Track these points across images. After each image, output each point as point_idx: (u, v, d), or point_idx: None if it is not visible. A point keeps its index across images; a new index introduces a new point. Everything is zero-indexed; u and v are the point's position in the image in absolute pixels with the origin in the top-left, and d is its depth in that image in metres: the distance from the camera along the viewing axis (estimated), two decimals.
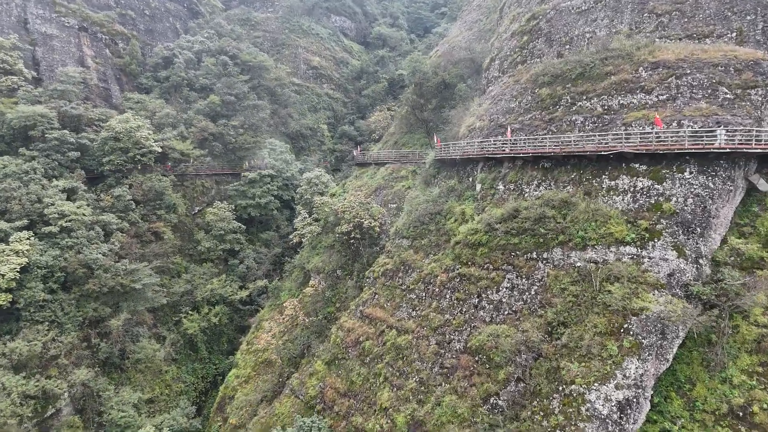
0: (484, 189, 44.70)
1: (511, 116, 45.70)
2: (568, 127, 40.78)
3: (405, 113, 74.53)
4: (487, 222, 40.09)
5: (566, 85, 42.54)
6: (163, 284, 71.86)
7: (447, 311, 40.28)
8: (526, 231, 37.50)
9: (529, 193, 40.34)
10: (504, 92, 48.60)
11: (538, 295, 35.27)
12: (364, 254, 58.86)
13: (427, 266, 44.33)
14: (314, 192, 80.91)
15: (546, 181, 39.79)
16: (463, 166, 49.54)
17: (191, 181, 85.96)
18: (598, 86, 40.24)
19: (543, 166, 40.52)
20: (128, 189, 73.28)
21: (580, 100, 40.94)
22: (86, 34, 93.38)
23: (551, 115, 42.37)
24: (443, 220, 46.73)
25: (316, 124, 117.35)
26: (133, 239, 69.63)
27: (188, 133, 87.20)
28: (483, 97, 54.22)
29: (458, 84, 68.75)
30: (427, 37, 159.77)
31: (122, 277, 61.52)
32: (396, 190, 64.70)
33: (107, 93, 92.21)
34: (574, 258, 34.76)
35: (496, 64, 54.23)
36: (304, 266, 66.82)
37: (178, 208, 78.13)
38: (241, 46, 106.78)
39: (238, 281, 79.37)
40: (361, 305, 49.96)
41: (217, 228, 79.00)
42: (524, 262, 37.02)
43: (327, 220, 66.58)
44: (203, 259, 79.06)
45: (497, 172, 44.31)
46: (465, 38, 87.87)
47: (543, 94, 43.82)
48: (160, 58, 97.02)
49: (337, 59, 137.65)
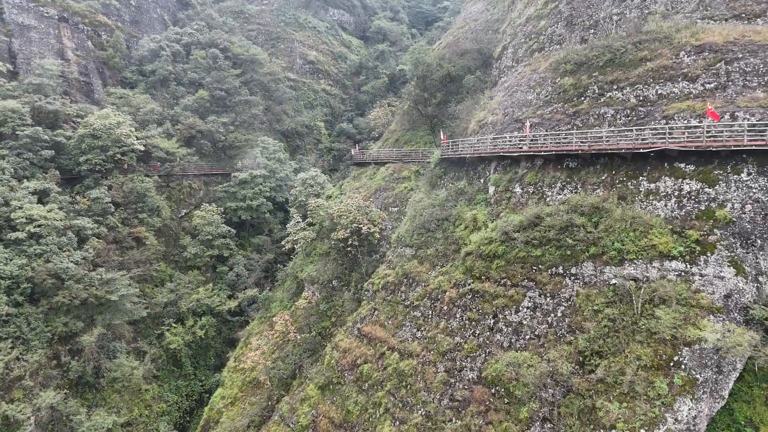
0: (498, 192, 39.83)
1: (529, 109, 40.85)
2: (596, 121, 35.96)
3: (407, 109, 69.67)
4: (503, 230, 35.21)
5: (593, 73, 37.73)
6: (145, 294, 67.04)
7: (457, 333, 35.39)
8: (551, 241, 32.62)
9: (552, 197, 35.47)
10: (519, 83, 43.75)
11: (566, 318, 30.36)
12: (363, 263, 54.02)
13: (434, 280, 39.44)
14: (309, 194, 75.99)
15: (571, 183, 34.93)
16: (474, 166, 44.67)
17: (177, 181, 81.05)
18: (631, 74, 35.40)
19: (567, 165, 35.70)
20: (107, 190, 68.38)
21: (609, 90, 36.11)
22: (67, 25, 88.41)
23: (576, 108, 37.55)
24: (452, 227, 41.83)
25: (313, 122, 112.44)
26: (111, 245, 64.72)
27: (174, 131, 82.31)
28: (495, 89, 49.39)
29: (465, 76, 63.82)
30: (429, 31, 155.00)
31: (97, 288, 56.63)
32: (397, 192, 59.81)
33: (89, 88, 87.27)
34: (608, 274, 29.88)
35: (509, 53, 49.38)
36: (297, 275, 61.94)
37: (163, 211, 73.20)
38: (232, 39, 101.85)
39: (227, 290, 74.51)
40: (358, 322, 45.07)
41: (205, 232, 74.12)
42: (548, 277, 32.12)
43: (322, 225, 61.74)
44: (189, 266, 74.13)
45: (513, 173, 39.46)
46: (471, 29, 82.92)
47: (565, 84, 38.99)
48: (146, 50, 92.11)
49: (335, 54, 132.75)
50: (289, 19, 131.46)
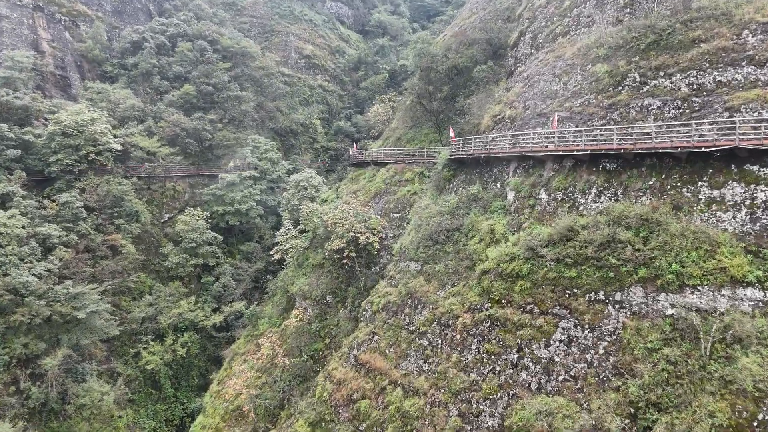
0: (519, 198, 34.34)
1: (555, 102, 35.38)
2: (638, 115, 30.50)
3: (409, 104, 64.19)
4: (528, 245, 29.71)
5: (632, 58, 32.25)
6: (120, 308, 61.57)
7: (473, 368, 29.88)
8: (588, 260, 27.12)
9: (586, 206, 29.98)
10: (542, 72, 38.25)
11: (610, 357, 24.87)
12: (361, 277, 48.64)
13: (444, 302, 33.93)
14: (303, 197, 70.47)
15: (609, 189, 29.45)
16: (489, 168, 39.18)
17: (160, 184, 75.54)
18: (682, 58, 29.92)
19: (605, 167, 30.22)
20: (79, 194, 62.85)
21: (654, 77, 30.63)
22: (42, 15, 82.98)
23: (612, 99, 32.07)
24: (464, 239, 36.30)
25: (308, 120, 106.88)
26: (81, 255, 59.18)
27: (157, 128, 76.81)
28: (511, 80, 43.93)
29: (474, 68, 58.29)
30: (432, 25, 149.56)
31: (62, 304, 51.20)
32: (399, 196, 54.34)
33: (65, 82, 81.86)
34: (664, 303, 24.41)
35: (527, 39, 43.92)
36: (287, 289, 56.44)
37: (142, 217, 67.65)
38: (222, 31, 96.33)
39: (213, 302, 68.98)
40: (355, 348, 39.57)
41: (188, 240, 68.52)
42: (586, 304, 26.62)
43: (315, 233, 56.27)
44: (171, 277, 68.56)
45: (537, 176, 33.96)
46: (479, 18, 77.42)
47: (599, 71, 33.51)
48: (127, 42, 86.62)
49: (333, 48, 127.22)
50: (284, 11, 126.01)
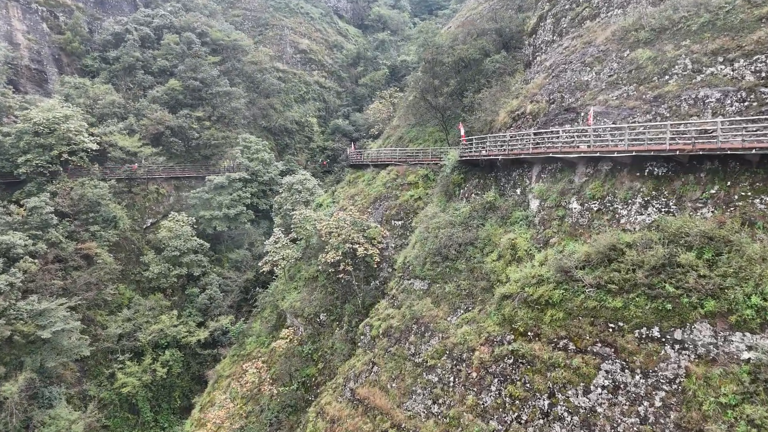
0: (545, 208, 29.47)
1: (586, 94, 30.52)
2: (691, 109, 25.62)
3: (413, 101, 59.35)
4: (559, 265, 24.87)
5: (681, 41, 27.43)
6: (95, 323, 56.76)
7: (493, 415, 25.03)
8: (638, 287, 22.27)
9: (630, 219, 25.12)
10: (569, 60, 33.40)
11: (670, 412, 20.02)
12: (359, 293, 43.81)
13: (456, 330, 29.06)
14: (296, 201, 65.76)
15: (659, 199, 24.58)
16: (507, 171, 34.35)
17: (142, 186, 70.70)
18: (745, 40, 25.07)
19: (652, 172, 25.33)
20: (51, 198, 57.97)
21: (711, 64, 25.76)
22: (17, 4, 78.15)
23: (658, 91, 27.20)
24: (479, 255, 31.44)
25: (304, 118, 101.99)
26: (51, 266, 54.37)
27: (139, 126, 71.89)
28: (530, 71, 39.09)
29: (484, 60, 53.53)
30: (434, 19, 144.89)
31: (25, 323, 46.26)
32: (402, 202, 49.60)
33: (41, 76, 77.07)
34: (739, 344, 19.59)
35: (548, 24, 39.05)
36: (277, 304, 51.59)
37: (120, 222, 62.83)
38: (212, 23, 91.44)
39: (198, 316, 64.12)
40: (352, 379, 34.72)
41: (171, 247, 63.60)
42: (636, 343, 21.77)
43: (308, 242, 51.46)
44: (153, 288, 63.68)
45: (567, 182, 29.09)
46: (487, 8, 72.72)
47: (640, 57, 28.68)
48: (109, 34, 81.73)
49: (330, 43, 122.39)
50: (279, 3, 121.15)
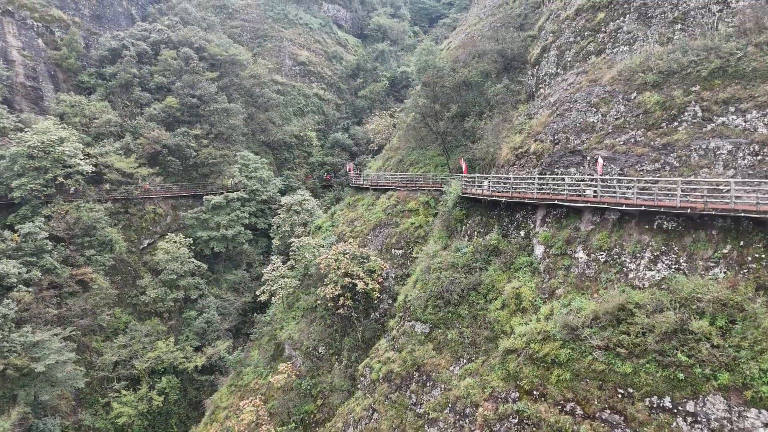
0: (550, 255, 28.72)
1: (592, 137, 29.81)
2: (702, 160, 24.96)
3: (412, 123, 58.58)
4: (566, 323, 24.15)
5: (691, 87, 26.73)
6: (91, 349, 55.96)
7: None
8: (649, 353, 21.55)
9: (639, 274, 24.39)
10: (573, 98, 32.66)
11: None
12: (358, 326, 42.99)
13: (459, 383, 28.29)
14: (295, 222, 64.99)
15: (669, 255, 23.86)
16: (510, 211, 33.60)
17: (139, 207, 69.86)
18: (758, 90, 24.42)
19: (661, 226, 24.59)
20: (45, 221, 57.21)
21: (722, 113, 25.10)
22: (12, 20, 77.28)
23: (667, 138, 26.52)
24: (482, 302, 30.69)
25: (303, 132, 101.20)
26: (46, 293, 53.56)
27: (135, 145, 71.09)
28: (532, 104, 38.35)
29: (485, 83, 52.89)
30: (434, 29, 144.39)
31: (18, 355, 45.43)
32: (402, 230, 48.84)
33: (37, 94, 76.23)
34: (755, 420, 18.91)
35: (551, 56, 38.32)
36: (275, 334, 50.80)
37: (116, 246, 61.98)
38: (210, 37, 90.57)
39: (195, 339, 63.27)
40: (351, 425, 33.95)
41: (168, 270, 62.79)
42: (647, 412, 21.03)
43: (307, 270, 50.71)
44: (149, 312, 62.83)
45: (573, 229, 28.36)
46: (488, 25, 72.05)
47: (648, 101, 27.98)
48: (106, 50, 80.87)
49: (329, 54, 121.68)
50: (278, 14, 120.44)
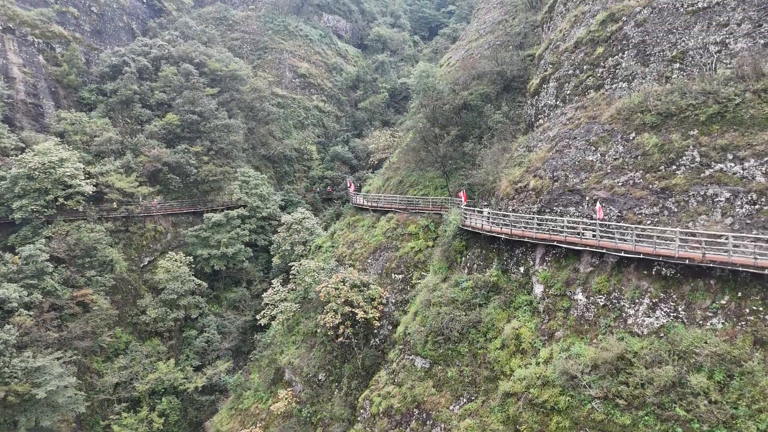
0: (549, 296, 28.85)
1: (591, 176, 29.95)
2: (700, 207, 25.12)
3: (412, 144, 58.69)
4: (565, 369, 24.30)
5: (689, 131, 26.92)
6: (91, 370, 56.02)
7: None
8: (647, 405, 21.69)
9: (638, 320, 24.53)
10: (572, 134, 32.83)
11: None
12: (358, 354, 43.06)
13: (459, 423, 28.43)
14: (295, 241, 65.13)
15: (668, 302, 24.00)
16: (510, 247, 33.71)
17: (139, 224, 69.96)
18: (756, 139, 24.59)
19: (660, 273, 24.70)
20: (46, 243, 57.27)
21: (720, 159, 25.27)
22: (13, 37, 77.45)
23: (665, 182, 26.68)
24: (482, 340, 30.82)
25: (303, 145, 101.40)
26: (47, 315, 53.63)
27: (136, 164, 71.23)
28: (532, 135, 38.48)
29: (485, 106, 53.09)
30: (434, 40, 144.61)
31: (19, 382, 45.49)
32: (402, 254, 48.98)
33: (37, 111, 76.34)
34: None
35: (551, 88, 38.48)
36: (275, 358, 50.90)
37: (117, 266, 62.04)
38: (210, 52, 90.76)
39: (196, 359, 63.33)
40: None
41: (169, 290, 62.87)
42: None
43: (306, 293, 50.78)
44: (150, 332, 62.89)
45: (572, 270, 28.50)
46: (487, 43, 72.43)
47: (647, 143, 28.17)
48: (107, 66, 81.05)
49: (330, 65, 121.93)
50: (278, 26, 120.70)
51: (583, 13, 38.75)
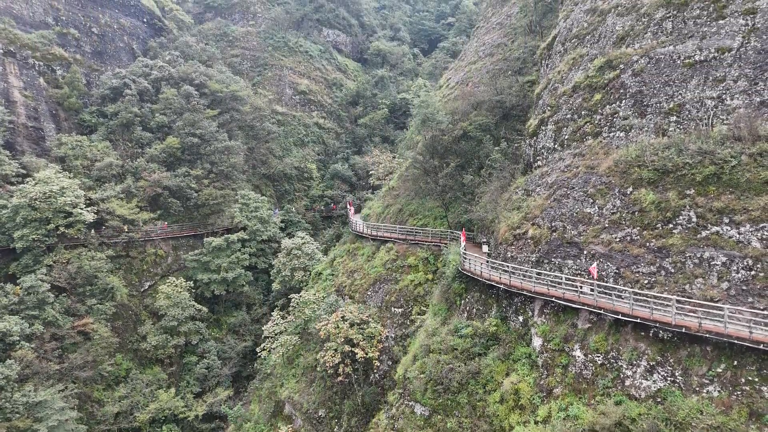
0: (548, 350, 29.06)
1: (589, 230, 30.18)
2: (696, 269, 25.34)
3: (412, 173, 58.89)
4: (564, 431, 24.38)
5: (686, 190, 27.14)
6: (92, 399, 56.21)
7: None
8: None
9: (635, 382, 24.74)
10: (570, 183, 33.08)
11: None
12: (358, 391, 43.23)
13: None
14: (295, 267, 65.37)
15: (665, 366, 24.23)
16: (509, 295, 33.89)
17: (139, 249, 70.23)
18: (752, 204, 24.80)
19: (657, 334, 24.92)
20: (47, 272, 57.54)
21: (717, 222, 25.49)
22: (14, 60, 77.86)
23: (662, 241, 26.89)
24: (481, 391, 31.00)
25: (303, 163, 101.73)
26: (48, 345, 53.83)
27: (137, 188, 71.49)
28: (531, 179, 38.67)
29: (483, 138, 53.42)
30: (433, 53, 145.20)
31: (20, 417, 45.67)
32: (402, 287, 49.26)
33: (38, 134, 76.69)
34: None
35: (549, 131, 38.75)
36: (275, 390, 51.06)
37: (117, 293, 62.24)
38: (210, 72, 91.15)
39: (196, 385, 63.48)
40: None
41: (169, 317, 63.07)
42: None
43: (306, 325, 51.02)
44: (150, 359, 63.08)
45: (570, 325, 28.72)
46: (486, 67, 72.92)
47: (643, 199, 28.39)
48: (107, 88, 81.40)
49: (329, 81, 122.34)
50: (278, 42, 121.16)
51: (581, 56, 39.03)
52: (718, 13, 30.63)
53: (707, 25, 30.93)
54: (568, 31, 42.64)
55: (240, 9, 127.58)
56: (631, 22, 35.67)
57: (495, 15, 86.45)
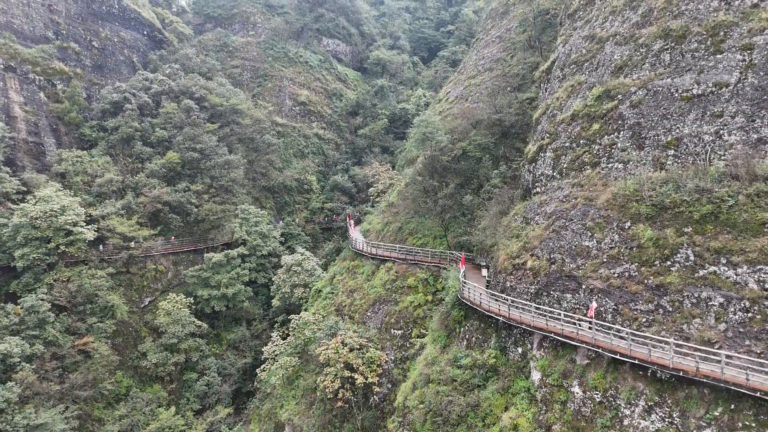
0: (547, 384, 29.17)
1: (587, 263, 30.30)
2: (694, 309, 25.47)
3: (412, 192, 58.96)
4: None
5: (684, 227, 27.26)
6: (92, 417, 56.26)
7: None
8: None
9: (633, 421, 24.88)
10: (569, 215, 33.21)
11: None
12: (358, 416, 43.33)
13: None
14: (295, 283, 65.50)
15: (662, 407, 24.34)
16: (509, 326, 34.01)
17: (140, 265, 70.33)
18: (749, 245, 24.92)
19: (655, 374, 25.04)
20: (48, 291, 57.69)
21: (714, 262, 25.60)
22: (14, 75, 78.09)
23: (660, 279, 27.02)
24: (480, 425, 31.10)
25: (303, 175, 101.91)
26: (49, 364, 53.92)
27: (137, 204, 71.63)
28: (529, 206, 38.76)
29: (482, 157, 53.66)
30: (433, 62, 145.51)
31: None
32: (401, 308, 49.43)
33: (39, 149, 76.91)
34: None
35: (548, 158, 38.90)
36: (275, 412, 51.15)
37: (117, 311, 62.37)
38: (210, 85, 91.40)
39: (196, 402, 63.56)
40: None
41: (170, 334, 63.17)
42: None
43: (306, 346, 51.15)
44: (151, 377, 63.15)
45: (569, 361, 28.85)
46: (485, 82, 73.21)
47: (642, 235, 28.52)
48: (107, 102, 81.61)
49: (329, 91, 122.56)
50: (278, 52, 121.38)
51: (579, 83, 39.20)
52: (715, 47, 30.76)
53: (705, 58, 31.06)
54: (567, 57, 42.83)
55: (240, 19, 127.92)
56: (629, 51, 35.82)
57: (494, 28, 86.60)
